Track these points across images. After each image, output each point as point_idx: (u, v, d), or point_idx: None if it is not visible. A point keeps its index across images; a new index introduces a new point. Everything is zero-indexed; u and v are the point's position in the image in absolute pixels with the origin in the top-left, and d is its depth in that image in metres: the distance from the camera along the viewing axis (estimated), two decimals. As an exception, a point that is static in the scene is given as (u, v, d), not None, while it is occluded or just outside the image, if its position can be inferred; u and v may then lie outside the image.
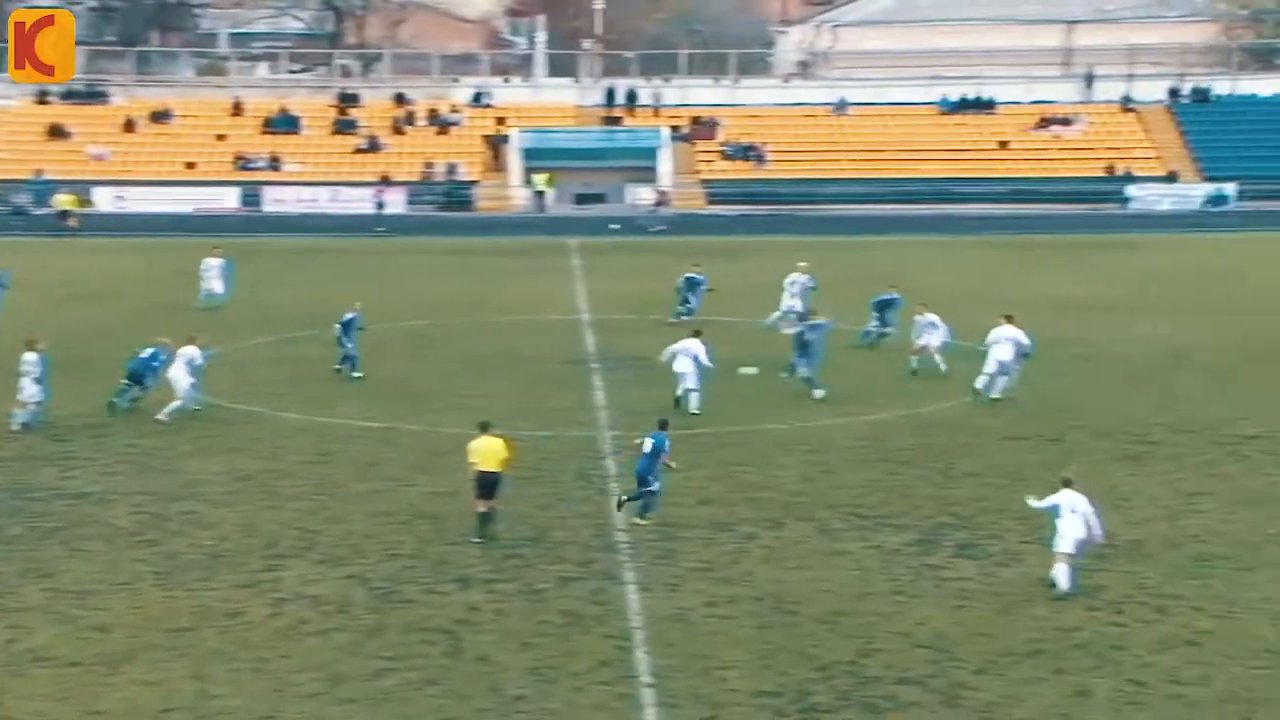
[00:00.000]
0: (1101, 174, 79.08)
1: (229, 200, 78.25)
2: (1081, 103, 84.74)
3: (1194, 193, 77.34)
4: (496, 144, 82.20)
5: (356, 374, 37.17)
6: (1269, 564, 23.99)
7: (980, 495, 27.79)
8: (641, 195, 77.86)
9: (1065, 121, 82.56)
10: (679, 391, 33.89)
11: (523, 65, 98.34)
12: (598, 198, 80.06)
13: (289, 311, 46.33)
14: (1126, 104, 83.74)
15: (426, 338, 42.92)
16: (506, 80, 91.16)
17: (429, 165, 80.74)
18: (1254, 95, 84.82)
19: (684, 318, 43.62)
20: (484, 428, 25.56)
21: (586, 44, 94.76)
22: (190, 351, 33.30)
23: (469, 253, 62.04)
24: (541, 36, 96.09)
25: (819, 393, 35.02)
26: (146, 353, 33.77)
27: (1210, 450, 30.74)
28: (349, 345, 37.35)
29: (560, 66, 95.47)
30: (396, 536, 25.36)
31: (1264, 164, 78.05)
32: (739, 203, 77.32)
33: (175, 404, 32.93)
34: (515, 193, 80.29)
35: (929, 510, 26.92)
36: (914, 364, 37.87)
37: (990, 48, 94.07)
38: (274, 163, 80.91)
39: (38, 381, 32.15)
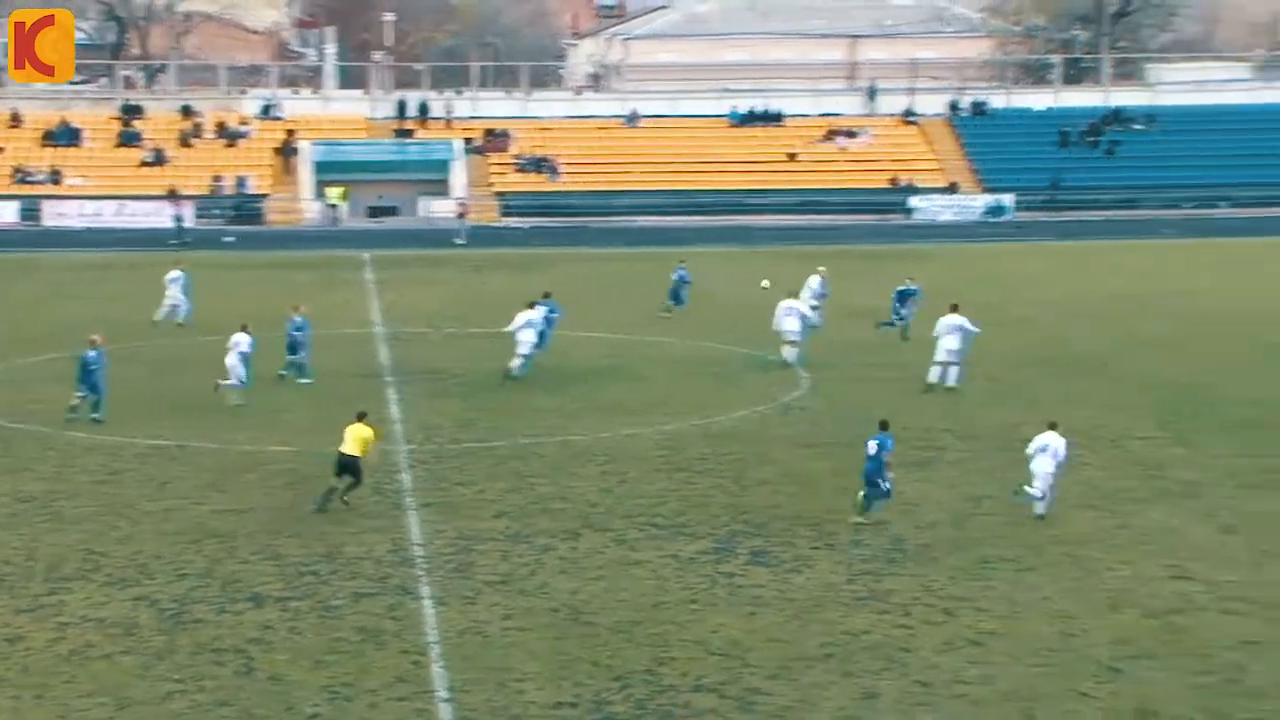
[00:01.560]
0: (886, 185, 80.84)
1: (7, 214, 76.09)
2: (866, 115, 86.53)
3: (974, 203, 79.45)
4: (287, 156, 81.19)
5: (304, 380, 38.09)
6: (1049, 565, 24.75)
7: (773, 503, 28.22)
8: (436, 208, 77.60)
9: (851, 134, 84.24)
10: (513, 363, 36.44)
11: (312, 77, 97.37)
12: (391, 210, 79.53)
13: (76, 328, 45.18)
14: (909, 117, 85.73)
15: (221, 353, 42.19)
16: (296, 92, 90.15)
17: (217, 179, 79.43)
18: (1028, 109, 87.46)
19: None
20: (360, 416, 27.83)
21: (377, 56, 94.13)
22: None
23: (260, 267, 61.16)
24: (331, 48, 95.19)
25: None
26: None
27: (993, 455, 31.58)
28: (300, 354, 38.25)
29: (351, 78, 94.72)
30: (186, 556, 24.92)
31: (1038, 176, 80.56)
32: (533, 215, 77.52)
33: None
34: (307, 206, 79.38)
35: (723, 519, 27.25)
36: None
37: (778, 61, 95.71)
38: (54, 176, 78.87)
39: None
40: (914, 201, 79.35)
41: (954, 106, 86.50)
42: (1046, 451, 26.75)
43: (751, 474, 30.21)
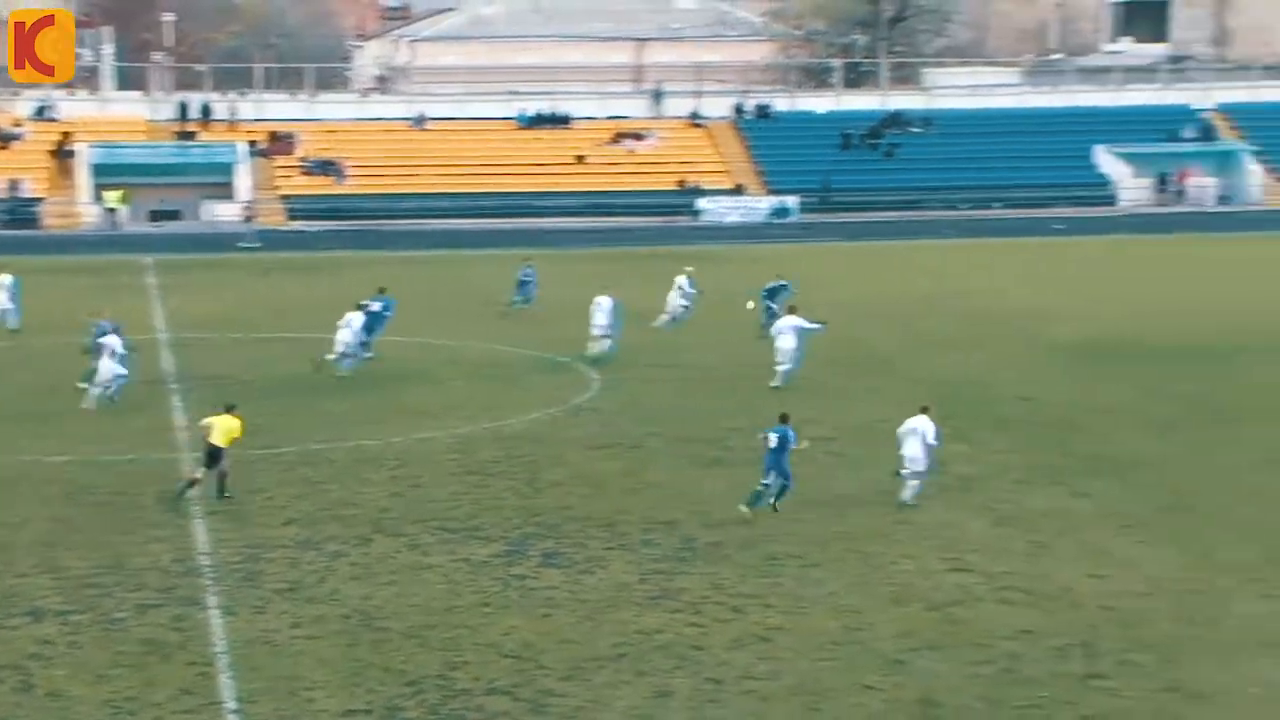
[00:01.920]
0: (673, 187, 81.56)
1: None
2: (653, 118, 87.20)
3: (759, 205, 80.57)
4: (63, 159, 79.06)
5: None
6: (834, 560, 25.26)
7: (565, 504, 28.35)
8: (220, 211, 76.26)
9: (638, 136, 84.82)
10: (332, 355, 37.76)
11: (89, 78, 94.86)
12: (173, 214, 77.93)
13: None
14: (695, 119, 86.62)
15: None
16: (72, 93, 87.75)
17: (-10, 182, 77.04)
18: (811, 112, 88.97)
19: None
20: (229, 408, 28.59)
21: (157, 57, 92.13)
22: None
23: (37, 272, 59.48)
24: (109, 48, 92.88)
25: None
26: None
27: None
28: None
29: (130, 80, 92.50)
30: (-39, 572, 24.20)
31: (820, 178, 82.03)
32: (320, 218, 76.59)
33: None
34: (85, 210, 77.40)
35: (515, 521, 27.30)
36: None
37: (565, 64, 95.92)
38: None
39: None
40: (701, 203, 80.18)
41: (739, 109, 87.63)
42: (916, 434, 27.81)
43: (544, 476, 30.31)
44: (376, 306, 41.47)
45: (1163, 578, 24.27)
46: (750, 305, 45.01)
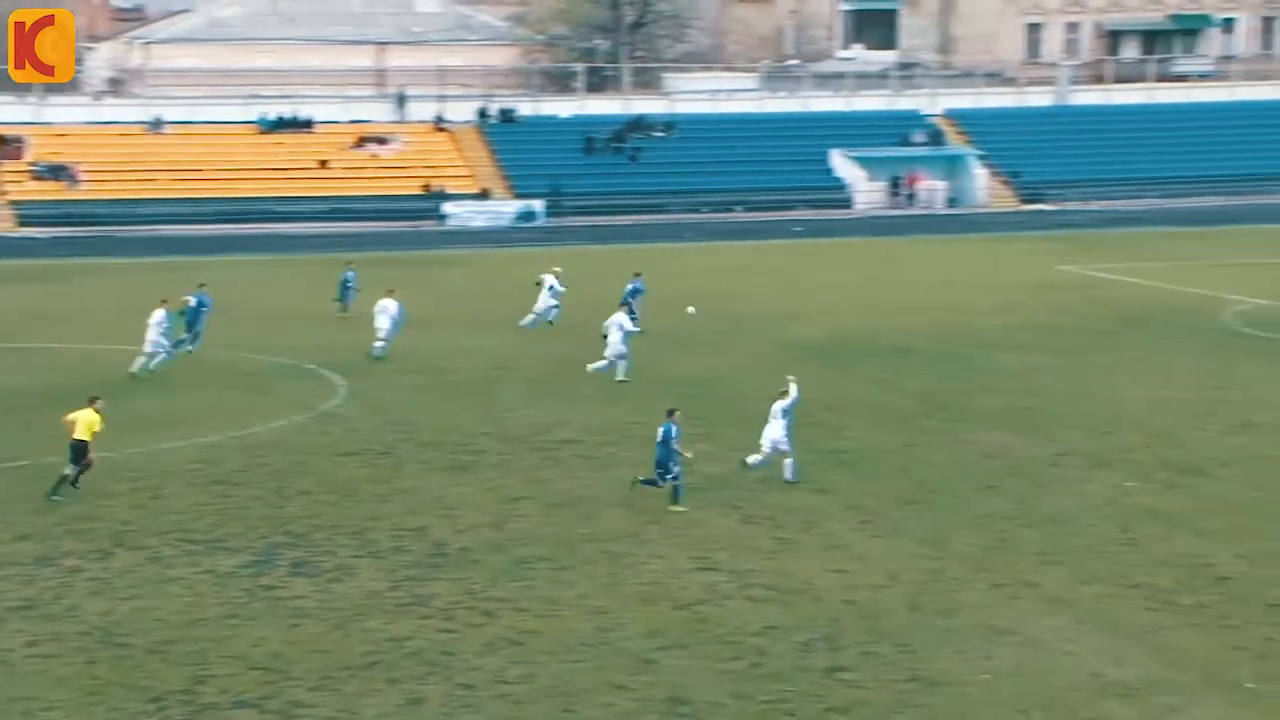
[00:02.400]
0: (419, 192, 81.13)
1: None
2: (397, 122, 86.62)
3: (506, 209, 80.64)
4: None
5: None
6: (584, 562, 25.48)
7: (313, 513, 28.06)
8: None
9: (382, 141, 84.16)
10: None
11: None
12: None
13: None
14: (439, 123, 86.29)
15: None
16: None
17: None
18: (555, 116, 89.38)
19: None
20: (90, 401, 29.23)
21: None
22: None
23: None
24: None
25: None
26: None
27: (530, 456, 32.26)
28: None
29: None
30: None
31: (566, 182, 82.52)
32: (53, 225, 74.28)
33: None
34: None
35: (263, 530, 26.93)
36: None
37: (306, 67, 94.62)
38: None
39: None
40: (447, 208, 79.91)
41: (483, 114, 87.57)
42: (776, 418, 29.71)
43: (291, 484, 29.94)
44: (192, 302, 42.02)
45: (900, 569, 25.04)
46: (691, 310, 45.17)
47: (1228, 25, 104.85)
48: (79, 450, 28.75)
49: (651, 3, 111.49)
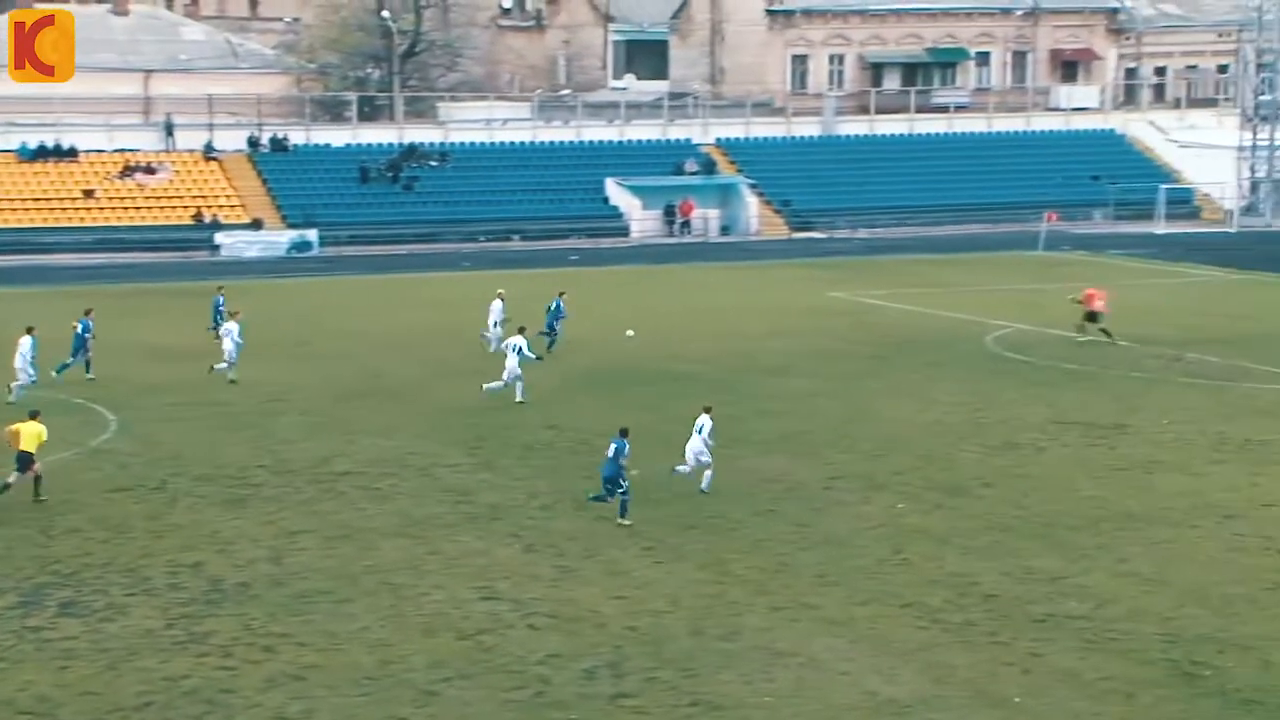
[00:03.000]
0: (190, 221, 79.63)
1: None
2: (164, 151, 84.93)
3: (280, 239, 79.57)
4: None
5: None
6: (366, 594, 25.29)
7: (83, 551, 27.37)
8: None
9: (150, 170, 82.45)
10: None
11: None
12: None
13: None
14: (209, 152, 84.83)
15: None
16: None
17: None
18: (328, 145, 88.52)
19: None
20: (32, 415, 30.95)
21: None
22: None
23: None
24: None
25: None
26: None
27: (308, 489, 31.90)
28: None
29: None
30: None
31: (339, 211, 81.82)
32: None
33: None
34: None
35: (29, 570, 26.20)
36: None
37: (69, 95, 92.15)
38: None
39: None
40: (219, 238, 78.52)
41: (253, 143, 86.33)
42: (701, 433, 31.65)
43: (60, 522, 29.16)
44: (78, 328, 42.86)
45: (682, 594, 25.34)
46: (630, 333, 47.73)
47: (982, 59, 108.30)
48: (24, 461, 30.24)
49: (423, 32, 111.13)
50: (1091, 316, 48.58)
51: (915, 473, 33.24)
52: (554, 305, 48.19)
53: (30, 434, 30.33)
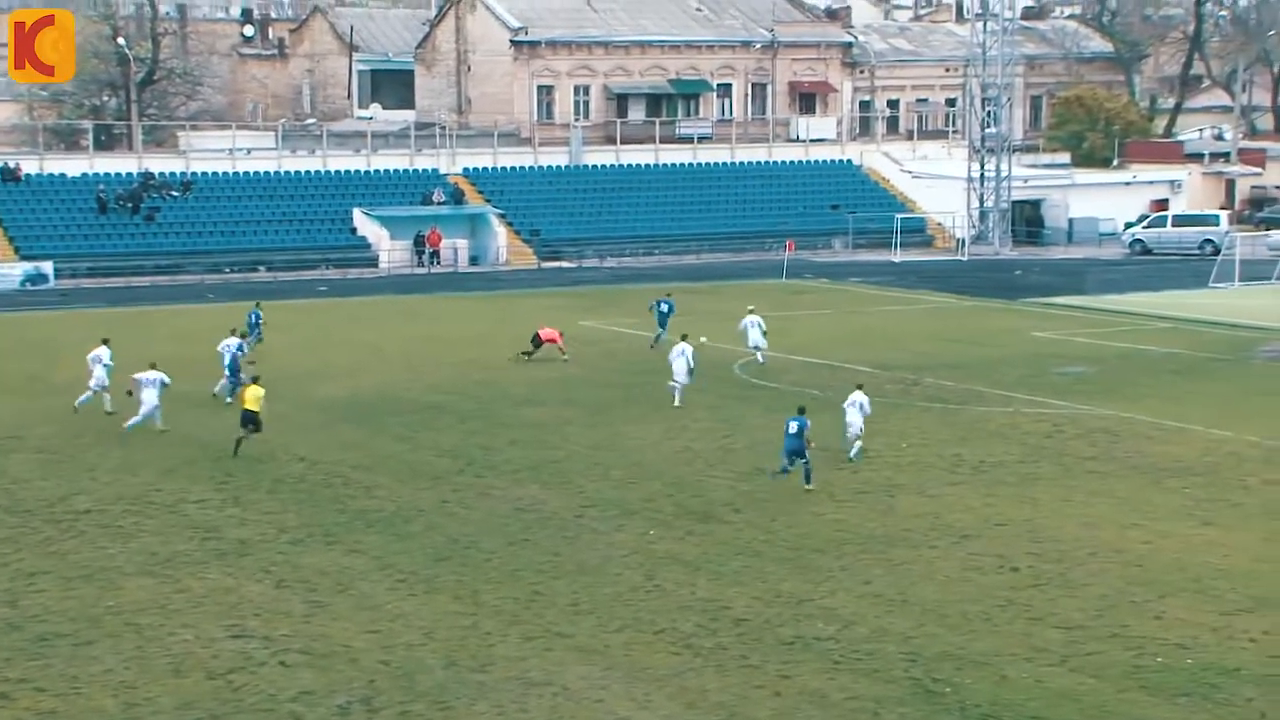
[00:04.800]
0: (-85, 254, 76.69)
1: None
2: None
3: (13, 272, 77.04)
4: None
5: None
6: (109, 636, 24.65)
7: None
8: None
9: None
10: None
11: None
12: None
13: None
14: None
15: None
16: None
17: None
18: (63, 174, 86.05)
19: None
20: (254, 380, 38.04)
21: None
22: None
23: None
24: None
25: None
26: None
27: (46, 529, 30.98)
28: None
29: None
30: None
31: (76, 242, 79.67)
32: None
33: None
34: None
35: None
36: None
37: None
38: None
39: None
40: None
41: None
42: (854, 405, 36.53)
43: None
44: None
45: (435, 626, 25.25)
46: (704, 340, 49.78)
47: (724, 91, 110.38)
48: (251, 419, 36.69)
49: (161, 60, 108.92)
50: (537, 343, 51.19)
51: (666, 499, 33.66)
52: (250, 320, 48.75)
53: (254, 396, 36.91)
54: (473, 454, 38.12)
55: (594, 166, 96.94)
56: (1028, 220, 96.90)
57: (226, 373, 44.12)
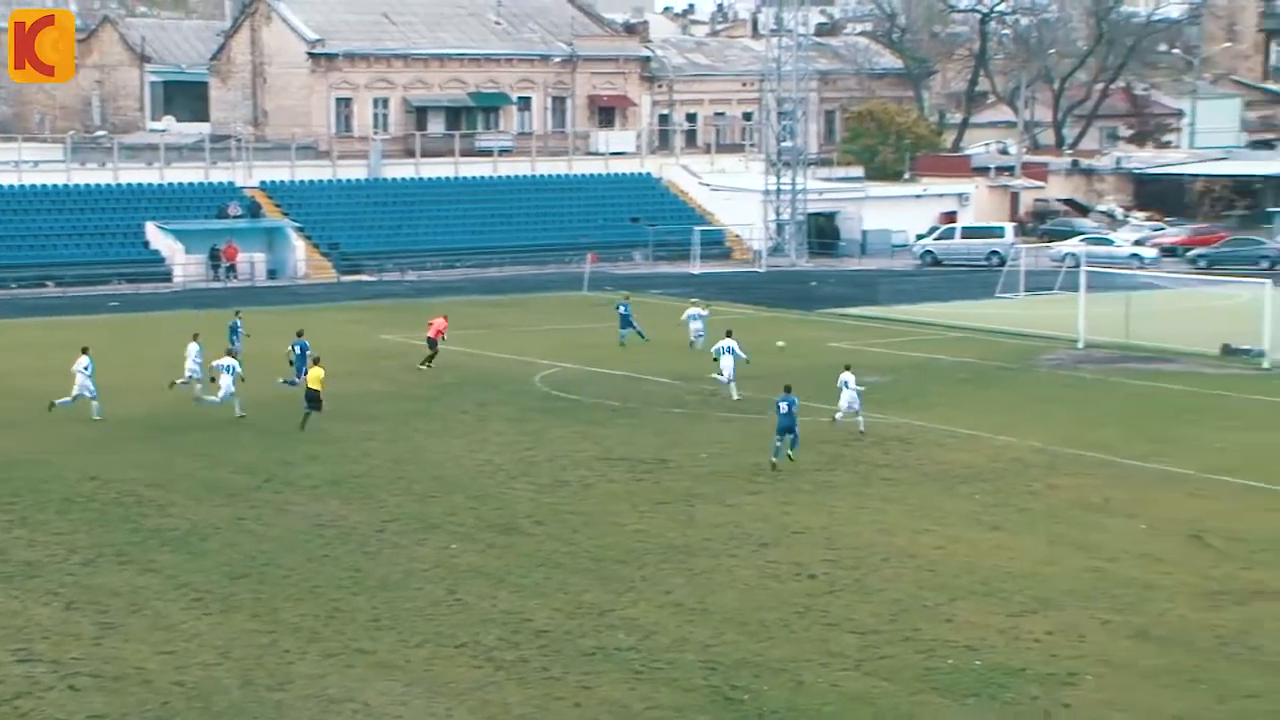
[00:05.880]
0: None
1: None
2: None
3: None
4: None
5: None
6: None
7: None
8: None
9: None
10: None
11: None
12: None
13: None
14: None
15: None
16: None
17: None
18: None
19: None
20: (316, 360, 43.25)
21: None
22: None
23: None
24: None
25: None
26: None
27: None
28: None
29: None
30: None
31: None
32: None
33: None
34: None
35: None
36: None
37: None
38: None
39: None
40: None
41: None
42: (848, 386, 41.37)
43: None
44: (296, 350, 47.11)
45: (232, 646, 24.91)
46: (780, 344, 52.79)
47: (524, 104, 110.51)
48: (313, 397, 41.48)
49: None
50: (432, 344, 52.21)
51: (468, 513, 33.62)
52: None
53: (317, 376, 41.82)
54: (271, 470, 37.65)
55: (394, 180, 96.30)
56: (823, 232, 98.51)
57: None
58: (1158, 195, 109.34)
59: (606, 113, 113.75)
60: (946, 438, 41.33)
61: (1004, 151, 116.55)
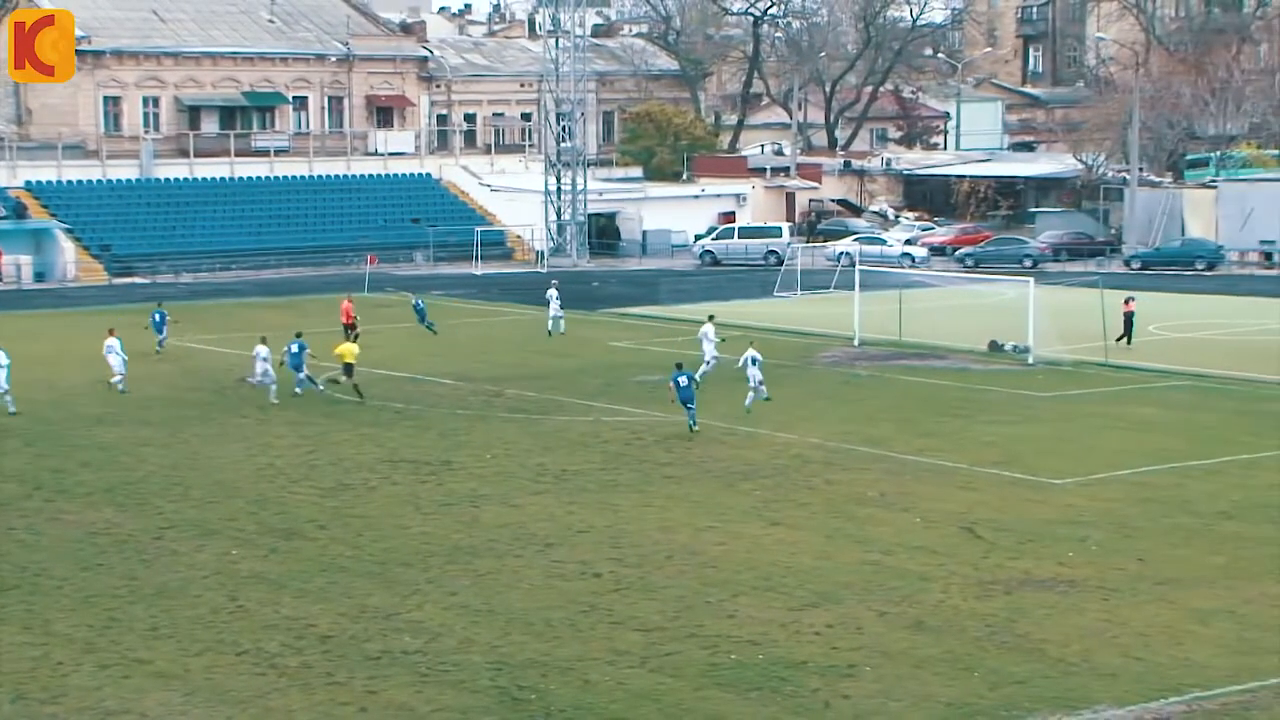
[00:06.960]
0: None
1: None
2: None
3: None
4: None
5: None
6: None
7: None
8: None
9: None
10: None
11: None
12: None
13: None
14: None
15: None
16: None
17: None
18: None
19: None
20: (355, 338, 49.71)
21: None
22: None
23: None
24: None
25: None
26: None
27: None
28: None
29: None
30: None
31: None
32: None
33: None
34: None
35: None
36: None
37: None
38: None
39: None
40: None
41: None
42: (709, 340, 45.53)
43: None
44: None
45: (2, 659, 24.26)
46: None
47: (300, 104, 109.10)
48: (349, 369, 46.11)
49: None
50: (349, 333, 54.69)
51: (249, 518, 33.15)
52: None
53: (350, 350, 46.67)
54: (42, 478, 36.68)
55: (167, 180, 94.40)
56: (603, 233, 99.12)
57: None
58: (926, 195, 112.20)
59: (384, 113, 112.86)
60: (727, 435, 41.91)
61: (779, 153, 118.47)
